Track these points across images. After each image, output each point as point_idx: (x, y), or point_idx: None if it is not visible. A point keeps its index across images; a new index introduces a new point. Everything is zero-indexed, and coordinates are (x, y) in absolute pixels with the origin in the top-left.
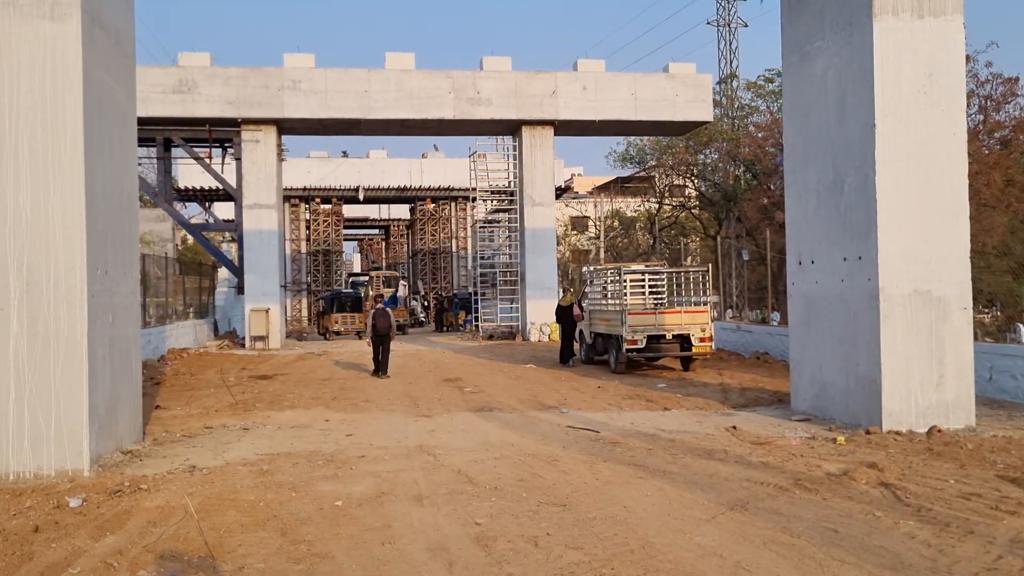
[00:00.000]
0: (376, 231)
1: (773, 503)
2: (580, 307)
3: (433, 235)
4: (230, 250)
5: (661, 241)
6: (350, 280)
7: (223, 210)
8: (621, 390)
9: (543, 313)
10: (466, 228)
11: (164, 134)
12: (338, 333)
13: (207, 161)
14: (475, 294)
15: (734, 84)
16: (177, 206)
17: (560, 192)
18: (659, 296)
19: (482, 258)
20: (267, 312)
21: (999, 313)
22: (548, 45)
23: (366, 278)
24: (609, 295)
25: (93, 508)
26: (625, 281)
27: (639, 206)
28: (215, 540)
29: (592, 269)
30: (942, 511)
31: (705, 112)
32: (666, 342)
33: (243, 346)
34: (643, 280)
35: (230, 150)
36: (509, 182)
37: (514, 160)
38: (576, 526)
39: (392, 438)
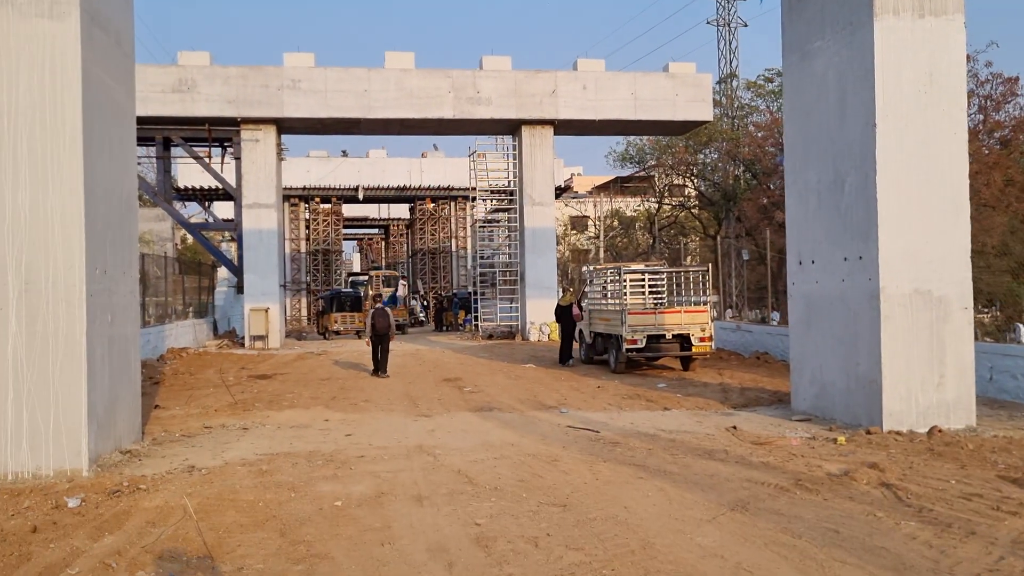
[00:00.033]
0: (376, 231)
1: (774, 503)
2: (579, 307)
3: (433, 235)
4: (229, 249)
5: (661, 241)
6: (350, 280)
7: (223, 209)
8: (621, 390)
9: (543, 313)
10: (466, 228)
11: (163, 133)
12: (337, 333)
13: (207, 160)
14: (475, 294)
15: (734, 84)
16: (177, 205)
17: (560, 192)
18: (659, 296)
19: (482, 258)
20: (266, 312)
21: (998, 313)
22: (548, 45)
23: (366, 278)
24: (609, 295)
25: (92, 508)
26: (625, 281)
27: (639, 206)
28: (214, 540)
29: (592, 269)
30: (943, 512)
31: (705, 112)
32: (666, 342)
33: (242, 346)
34: (643, 280)
35: (230, 149)
36: (509, 182)
37: (514, 160)
38: (576, 527)
39: (392, 438)
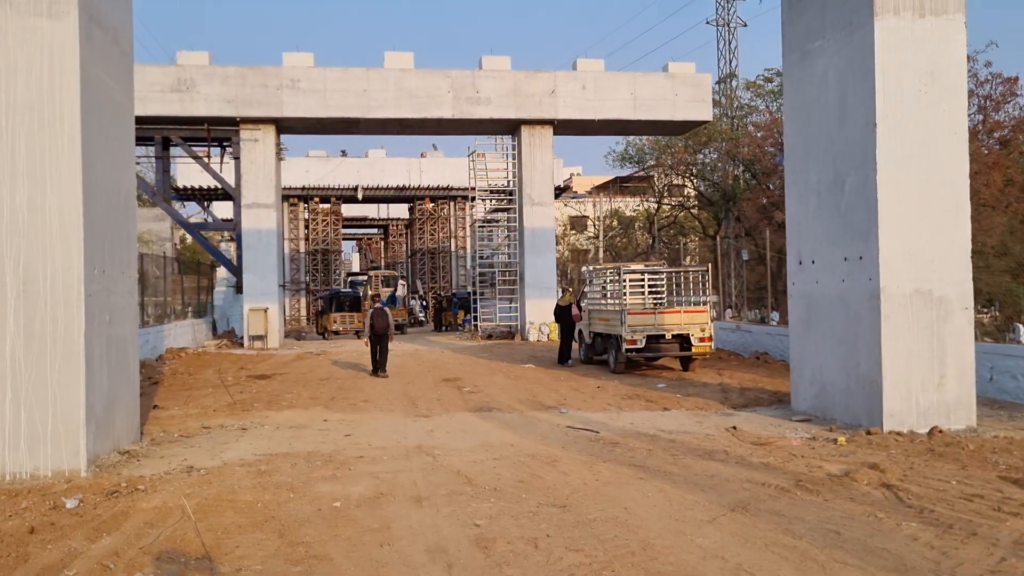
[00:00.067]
0: (375, 230)
1: (774, 504)
2: (578, 307)
3: (432, 235)
4: (229, 249)
5: (660, 241)
6: (349, 280)
7: (222, 209)
8: (620, 390)
9: (542, 313)
10: (465, 228)
11: (163, 133)
12: (337, 333)
13: (206, 160)
14: (474, 294)
15: (733, 84)
16: (176, 205)
17: (559, 192)
18: (658, 296)
19: (481, 258)
20: (265, 311)
21: (997, 313)
22: (547, 44)
23: (365, 278)
24: (608, 295)
25: (89, 509)
26: (624, 281)
27: (638, 206)
28: (212, 541)
29: (591, 269)
30: (945, 513)
31: (704, 112)
32: (665, 342)
33: (241, 346)
34: (642, 280)
35: (229, 149)
36: (508, 181)
37: (513, 160)
38: (576, 527)
39: (391, 438)
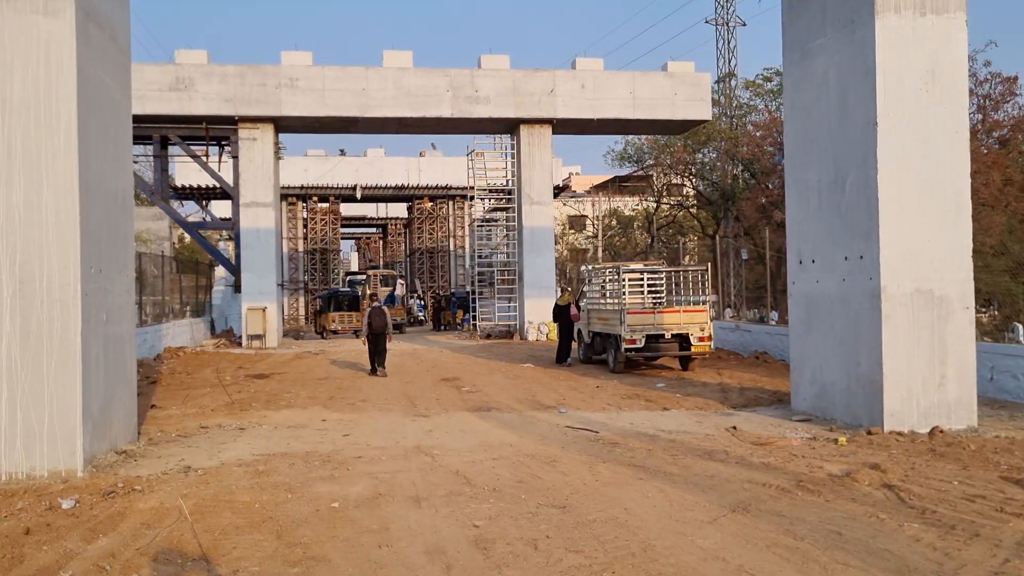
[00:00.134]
0: (374, 230)
1: (775, 505)
2: (577, 307)
3: (431, 234)
4: (227, 248)
5: (659, 240)
6: (347, 279)
7: (220, 208)
8: (620, 390)
9: (541, 312)
10: (464, 227)
11: (161, 132)
12: (335, 332)
13: (204, 159)
14: (473, 293)
15: (732, 83)
16: (174, 204)
17: (558, 191)
18: (657, 295)
19: (480, 257)
20: (264, 311)
21: (996, 313)
22: (546, 43)
23: (364, 277)
24: (607, 294)
25: (86, 510)
26: (623, 280)
27: (637, 205)
28: (210, 542)
29: (590, 268)
30: (947, 513)
31: (703, 111)
32: (665, 341)
33: (240, 345)
34: (642, 279)
35: (227, 148)
36: (507, 181)
37: (512, 159)
38: (576, 528)
39: (389, 438)
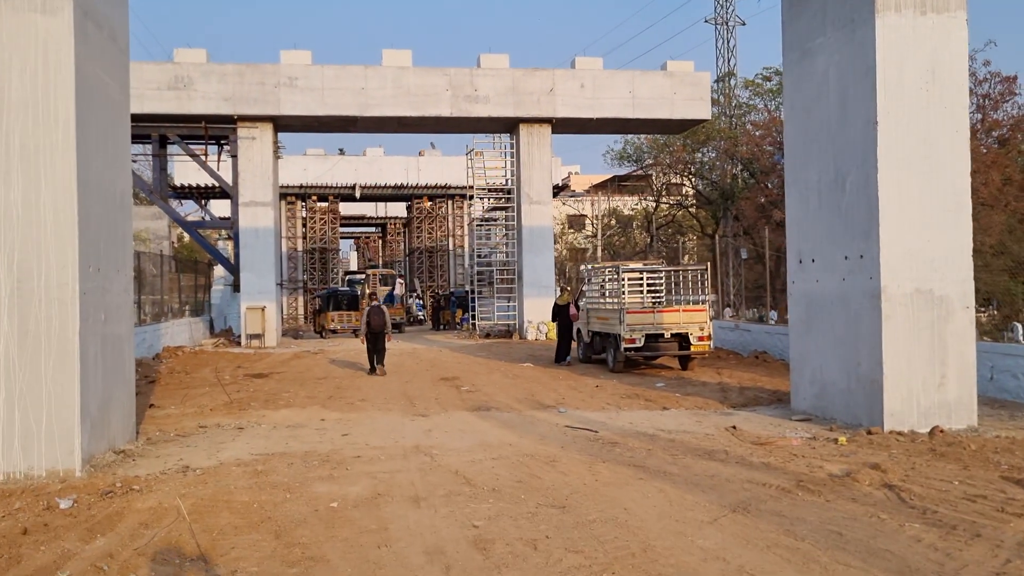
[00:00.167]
0: (373, 229)
1: (776, 505)
2: (576, 307)
3: (430, 233)
4: (226, 248)
5: (658, 239)
6: (347, 278)
7: (219, 207)
8: (619, 389)
9: (540, 311)
10: (463, 226)
11: (160, 131)
12: (334, 331)
13: (203, 158)
14: (472, 292)
15: (732, 82)
16: (173, 203)
17: (557, 190)
18: (657, 295)
19: (479, 256)
20: (263, 310)
21: (995, 312)
22: (546, 43)
23: (363, 276)
24: (607, 294)
25: (84, 509)
26: (623, 280)
27: (636, 204)
28: (208, 543)
29: (590, 268)
30: (947, 513)
31: (703, 110)
32: (664, 341)
33: (239, 344)
34: (641, 279)
35: (226, 147)
36: (506, 180)
37: (511, 158)
38: (576, 528)
39: (388, 438)
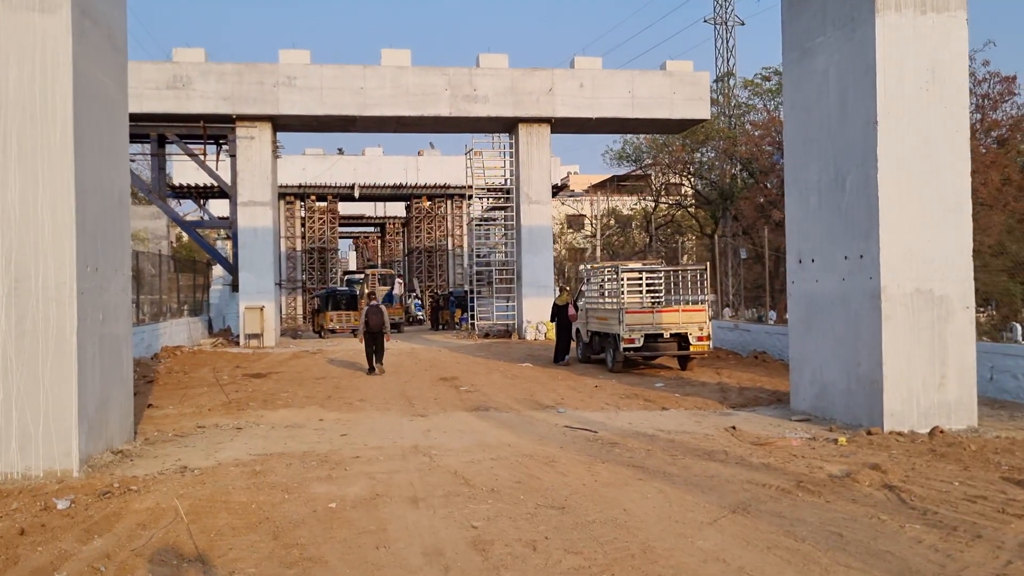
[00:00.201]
0: (372, 229)
1: (776, 506)
2: (575, 307)
3: (429, 233)
4: (225, 247)
5: (657, 239)
6: (346, 278)
7: (218, 207)
8: (618, 389)
9: (539, 311)
10: (462, 226)
11: (158, 130)
12: (333, 331)
13: (202, 158)
14: (471, 292)
15: (731, 82)
16: (172, 203)
17: (556, 190)
18: (656, 295)
19: (478, 256)
20: (262, 310)
21: (994, 312)
22: (545, 43)
23: (362, 276)
24: (606, 294)
25: (81, 510)
26: (622, 280)
27: (635, 204)
28: (206, 543)
29: (589, 267)
30: (948, 514)
31: (702, 110)
32: (663, 341)
33: (237, 344)
34: (640, 279)
35: (225, 147)
36: (505, 180)
37: (510, 158)
38: (575, 529)
39: (387, 438)
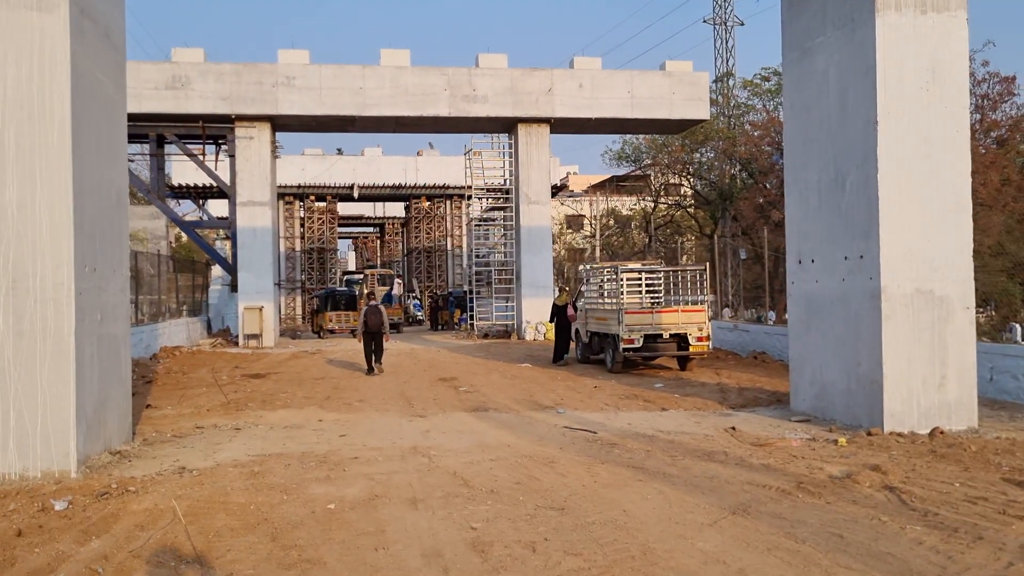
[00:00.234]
0: (371, 229)
1: (776, 507)
2: (574, 307)
3: (428, 233)
4: (224, 247)
5: (657, 240)
6: (345, 278)
7: (217, 207)
8: (618, 390)
9: (539, 312)
10: (461, 226)
11: (157, 130)
12: (332, 331)
13: (201, 158)
14: (470, 292)
15: (730, 82)
16: (171, 203)
17: (556, 190)
18: (656, 295)
19: (477, 256)
20: (261, 310)
21: (993, 313)
22: (544, 43)
23: (361, 276)
24: (605, 294)
25: (79, 511)
26: (621, 280)
27: (635, 205)
28: (204, 545)
29: (588, 268)
30: (949, 516)
31: (701, 110)
32: (663, 341)
33: (236, 344)
34: (639, 279)
35: (224, 147)
36: (505, 180)
37: (510, 158)
38: (575, 531)
39: (386, 439)
